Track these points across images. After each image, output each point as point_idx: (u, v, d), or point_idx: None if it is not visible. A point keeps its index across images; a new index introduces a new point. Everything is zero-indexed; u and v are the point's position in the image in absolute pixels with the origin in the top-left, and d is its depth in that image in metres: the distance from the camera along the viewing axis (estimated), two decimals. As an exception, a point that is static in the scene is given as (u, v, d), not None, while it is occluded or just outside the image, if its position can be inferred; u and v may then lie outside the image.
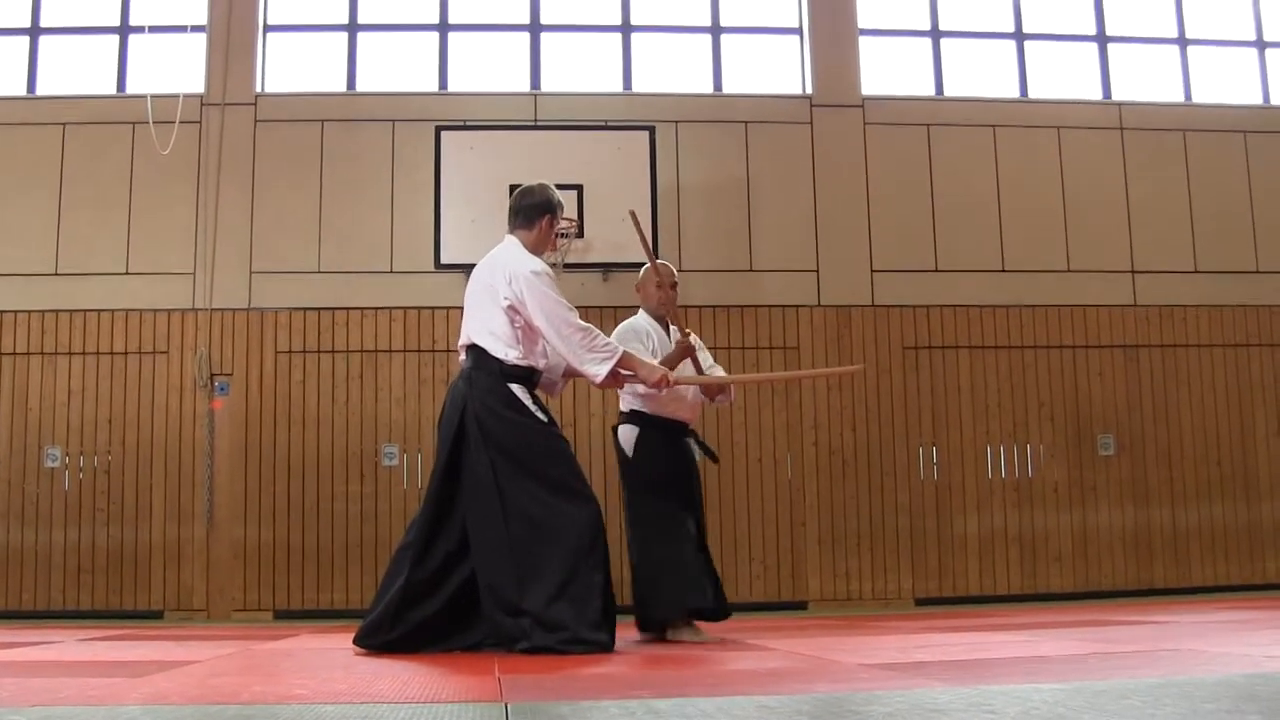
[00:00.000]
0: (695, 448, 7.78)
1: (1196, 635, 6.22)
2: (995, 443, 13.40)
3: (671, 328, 7.67)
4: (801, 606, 12.87)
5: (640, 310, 7.82)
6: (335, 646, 7.04)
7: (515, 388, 6.46)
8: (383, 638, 6.32)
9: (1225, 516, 13.56)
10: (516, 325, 6.49)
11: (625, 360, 6.57)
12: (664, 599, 7.22)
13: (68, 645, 7.38)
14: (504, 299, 6.47)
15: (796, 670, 4.85)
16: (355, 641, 6.44)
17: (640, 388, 7.00)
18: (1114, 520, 13.41)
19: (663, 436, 7.53)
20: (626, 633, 6.93)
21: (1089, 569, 13.33)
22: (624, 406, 7.64)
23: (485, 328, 6.53)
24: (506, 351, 6.47)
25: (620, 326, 7.73)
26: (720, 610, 7.54)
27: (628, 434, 7.56)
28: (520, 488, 6.32)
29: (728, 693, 3.93)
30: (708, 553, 7.63)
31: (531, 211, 6.82)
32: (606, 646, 6.10)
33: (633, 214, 7.38)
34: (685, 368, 7.45)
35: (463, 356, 6.67)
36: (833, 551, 13.05)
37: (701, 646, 6.79)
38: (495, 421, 6.39)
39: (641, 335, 7.59)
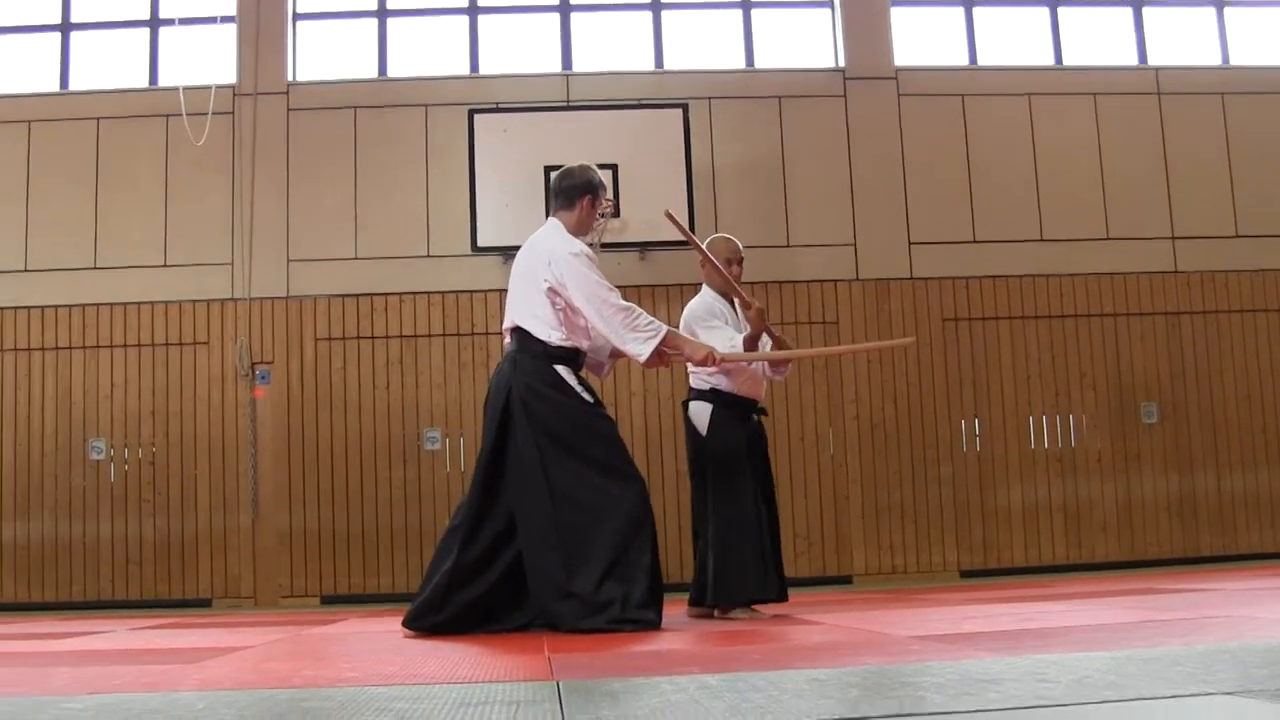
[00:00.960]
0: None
1: (1245, 602, 6.18)
2: (1037, 413, 13.35)
3: (737, 304, 7.65)
4: (846, 581, 12.85)
5: (704, 288, 7.79)
6: (383, 630, 7.06)
7: (560, 369, 6.46)
8: (431, 620, 6.32)
9: (1271, 483, 13.47)
10: (558, 307, 6.48)
11: (670, 339, 6.55)
12: (731, 585, 7.20)
13: (119, 634, 7.43)
14: (544, 281, 6.47)
15: (845, 644, 4.84)
16: (404, 624, 6.45)
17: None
18: (1158, 488, 13.35)
19: (737, 415, 7.50)
20: (675, 610, 6.93)
21: (1134, 538, 13.26)
22: (696, 384, 7.60)
23: (528, 310, 6.53)
24: (550, 333, 6.47)
25: (693, 305, 7.67)
26: (781, 595, 7.52)
27: (700, 411, 7.50)
28: (566, 469, 6.32)
29: (778, 667, 3.92)
30: (778, 535, 7.61)
31: (571, 193, 6.80)
32: (654, 624, 6.10)
33: (668, 214, 7.32)
34: (764, 339, 7.44)
35: (507, 340, 6.68)
36: (876, 525, 13.03)
37: (749, 623, 6.79)
38: (540, 403, 6.39)
39: (717, 313, 7.56)
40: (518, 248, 6.82)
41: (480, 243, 12.39)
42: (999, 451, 13.26)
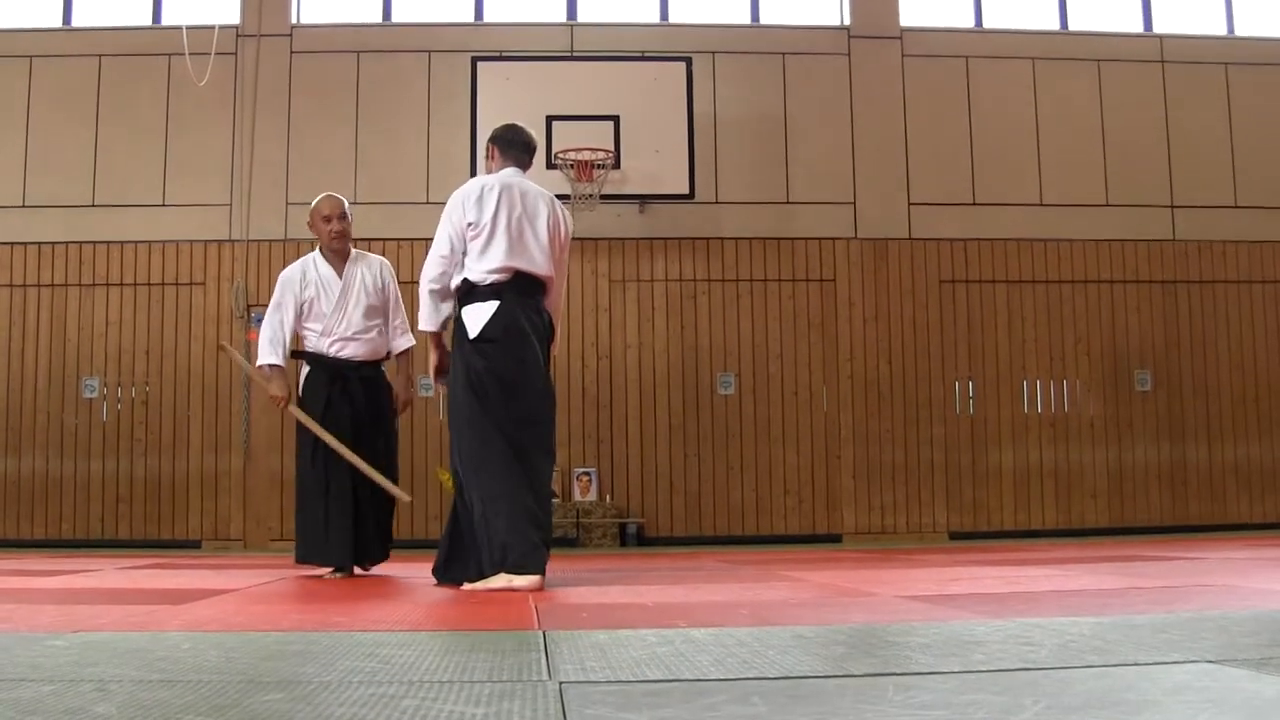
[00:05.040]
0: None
1: (1233, 571, 6.20)
2: (1031, 377, 13.36)
3: (348, 266, 7.52)
4: (836, 539, 12.88)
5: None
6: (370, 575, 7.07)
7: None
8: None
9: (1262, 453, 13.50)
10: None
11: None
12: (299, 545, 7.11)
13: (108, 574, 7.45)
14: (560, 237, 6.18)
15: (832, 602, 4.85)
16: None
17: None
18: (1150, 456, 13.38)
19: (324, 376, 7.28)
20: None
21: (1124, 505, 13.30)
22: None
23: (544, 259, 6.08)
24: None
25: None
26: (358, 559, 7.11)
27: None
28: None
29: (764, 623, 3.93)
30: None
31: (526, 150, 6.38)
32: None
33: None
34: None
35: (497, 276, 5.98)
36: (868, 485, 13.06)
37: (717, 580, 6.71)
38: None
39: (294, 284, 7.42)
40: (516, 196, 6.66)
41: (480, 191, 12.35)
42: (991, 414, 13.29)
